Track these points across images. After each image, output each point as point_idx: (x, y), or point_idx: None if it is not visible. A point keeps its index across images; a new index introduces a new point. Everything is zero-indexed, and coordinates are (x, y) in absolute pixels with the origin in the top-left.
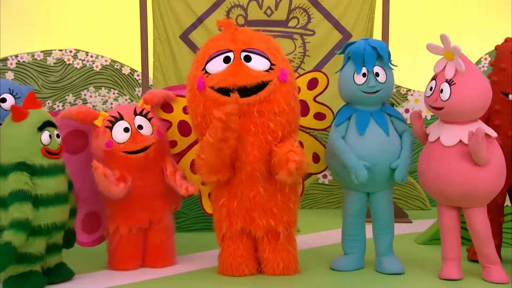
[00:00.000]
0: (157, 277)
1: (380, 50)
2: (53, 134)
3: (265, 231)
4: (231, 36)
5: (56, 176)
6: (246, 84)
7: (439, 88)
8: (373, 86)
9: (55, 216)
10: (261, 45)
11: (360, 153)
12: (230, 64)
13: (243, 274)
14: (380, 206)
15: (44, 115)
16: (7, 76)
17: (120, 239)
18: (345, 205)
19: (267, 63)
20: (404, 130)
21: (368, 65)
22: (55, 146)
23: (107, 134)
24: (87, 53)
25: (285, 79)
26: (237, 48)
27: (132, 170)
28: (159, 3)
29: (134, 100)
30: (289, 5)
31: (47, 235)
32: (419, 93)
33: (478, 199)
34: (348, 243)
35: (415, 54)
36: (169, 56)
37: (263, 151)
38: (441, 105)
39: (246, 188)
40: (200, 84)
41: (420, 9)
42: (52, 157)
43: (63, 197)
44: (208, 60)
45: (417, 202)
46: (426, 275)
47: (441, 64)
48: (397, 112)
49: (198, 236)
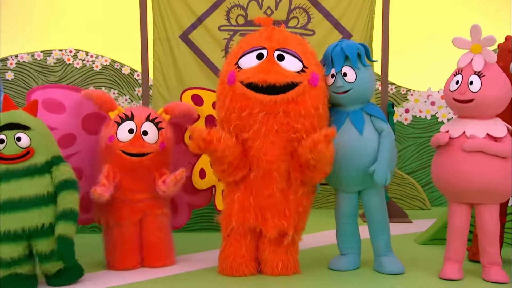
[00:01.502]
0: (157, 277)
1: (346, 50)
2: (11, 137)
3: (277, 232)
4: (267, 34)
5: (19, 180)
6: (276, 82)
7: (468, 80)
8: (340, 86)
9: (21, 222)
10: (295, 47)
11: (335, 152)
12: (262, 60)
13: (243, 274)
14: (371, 204)
15: (8, 118)
16: (7, 76)
17: (117, 237)
18: (336, 206)
19: (299, 65)
20: (382, 129)
21: (336, 65)
22: (12, 150)
23: (113, 128)
24: (87, 53)
25: (316, 83)
26: (272, 46)
27: (124, 171)
28: (159, 3)
29: (134, 100)
30: (289, 5)
31: (17, 241)
32: (419, 93)
33: (499, 193)
34: (344, 244)
35: (415, 54)
36: (169, 56)
37: (283, 151)
38: (471, 97)
39: (261, 186)
40: (231, 78)
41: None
42: (6, 162)
43: (35, 201)
44: (242, 55)
45: (417, 202)
46: (426, 275)
47: (467, 58)
48: (377, 111)
49: (198, 236)
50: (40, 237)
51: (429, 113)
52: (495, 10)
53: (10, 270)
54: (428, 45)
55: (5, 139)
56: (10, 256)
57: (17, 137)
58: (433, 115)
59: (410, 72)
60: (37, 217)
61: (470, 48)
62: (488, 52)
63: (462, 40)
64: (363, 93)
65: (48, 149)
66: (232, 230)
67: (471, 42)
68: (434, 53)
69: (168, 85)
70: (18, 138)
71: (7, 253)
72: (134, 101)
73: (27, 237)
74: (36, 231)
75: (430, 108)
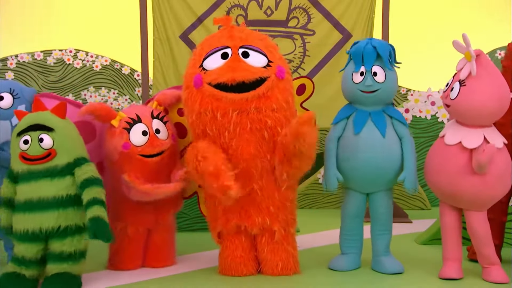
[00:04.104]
0: (157, 277)
1: (379, 49)
2: (35, 138)
3: (261, 228)
4: (228, 34)
5: (38, 180)
6: (245, 79)
7: (451, 86)
8: (370, 85)
9: (38, 222)
10: (258, 42)
11: (356, 153)
12: (228, 60)
13: (242, 274)
14: (380, 207)
15: (34, 119)
16: (7, 76)
17: (125, 238)
18: (344, 204)
19: (264, 60)
20: (403, 135)
21: (367, 64)
22: (35, 151)
23: (124, 135)
24: (87, 53)
25: (283, 76)
26: (235, 45)
27: (145, 173)
28: (159, 3)
29: (134, 100)
30: (289, 5)
31: (34, 241)
32: (419, 93)
33: (484, 202)
34: (346, 243)
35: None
36: (169, 56)
37: (259, 148)
38: (448, 103)
39: (241, 184)
40: (197, 81)
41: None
42: (29, 163)
43: (53, 202)
44: (206, 56)
45: (417, 202)
46: (426, 275)
47: (462, 63)
48: (399, 114)
49: (198, 236)
50: (56, 238)
51: (429, 113)
52: (495, 10)
53: (16, 269)
54: (428, 45)
55: (29, 140)
56: (23, 255)
57: (40, 138)
58: (433, 115)
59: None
60: (54, 219)
61: (464, 54)
62: (472, 64)
63: (459, 45)
64: (389, 94)
65: (71, 151)
66: (221, 233)
67: (465, 49)
68: (434, 53)
69: (168, 85)
70: (41, 139)
71: (21, 252)
72: (134, 101)
73: (44, 237)
74: (52, 233)
75: (430, 108)
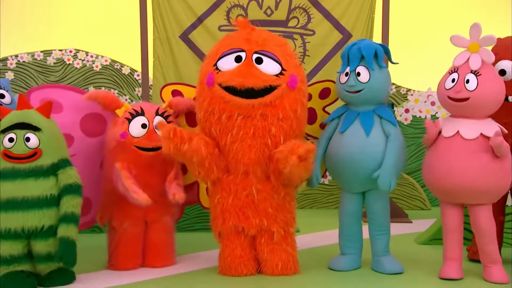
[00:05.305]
0: (157, 277)
1: (363, 50)
2: (21, 137)
3: (258, 230)
4: (246, 36)
5: (23, 180)
6: (254, 86)
7: (464, 79)
8: (352, 85)
9: (21, 222)
10: (274, 49)
11: (340, 151)
12: (240, 64)
13: (242, 274)
14: (375, 206)
15: (20, 117)
16: (7, 76)
17: (123, 238)
18: (341, 205)
19: (278, 68)
20: (390, 133)
21: (352, 64)
22: (20, 150)
23: (124, 125)
24: (87, 53)
25: (294, 86)
26: (250, 49)
27: (139, 167)
28: (159, 3)
29: (134, 100)
30: (289, 5)
31: (17, 239)
32: (419, 93)
33: (493, 193)
34: (345, 243)
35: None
36: (169, 56)
37: (260, 154)
38: (467, 96)
39: (239, 187)
40: (210, 80)
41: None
42: (12, 161)
43: (37, 202)
44: (220, 57)
45: (417, 202)
46: (426, 275)
47: (464, 56)
48: (389, 114)
49: (198, 236)
50: (39, 238)
51: (429, 113)
52: (495, 10)
53: (10, 268)
54: (428, 45)
55: (14, 138)
56: (9, 253)
57: (26, 137)
58: (433, 115)
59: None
60: (37, 218)
61: (468, 47)
62: (487, 51)
63: (460, 38)
64: (376, 94)
65: (56, 151)
66: (220, 233)
67: (469, 41)
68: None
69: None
70: (27, 138)
71: (7, 251)
72: (134, 101)
73: (27, 236)
74: (36, 232)
75: (430, 108)
